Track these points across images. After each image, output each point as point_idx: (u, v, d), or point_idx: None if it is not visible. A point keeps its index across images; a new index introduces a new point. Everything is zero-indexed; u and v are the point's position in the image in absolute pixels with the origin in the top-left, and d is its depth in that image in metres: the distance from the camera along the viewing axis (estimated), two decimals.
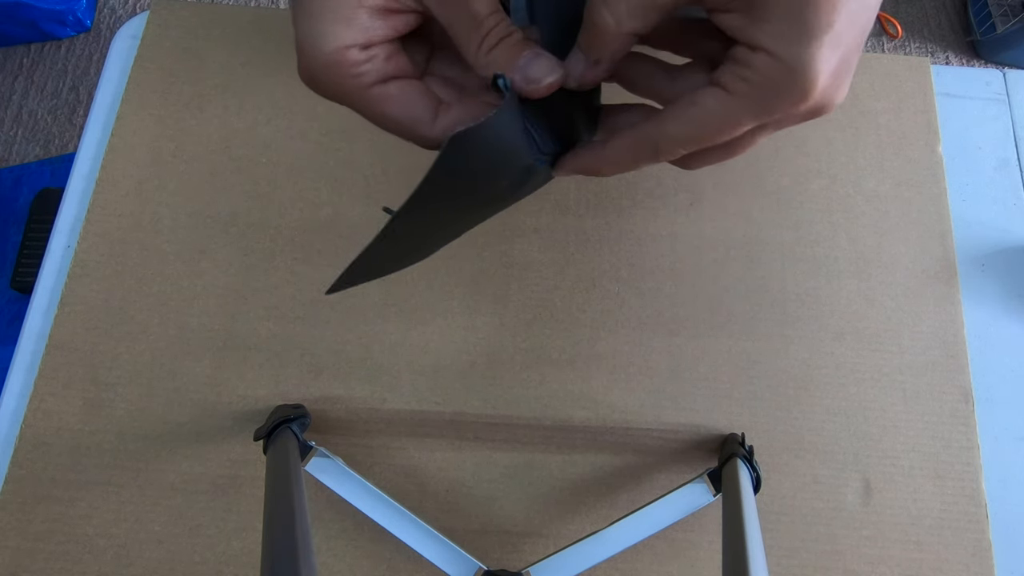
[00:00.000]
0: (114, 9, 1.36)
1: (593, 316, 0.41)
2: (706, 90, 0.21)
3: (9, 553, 0.36)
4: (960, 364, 0.40)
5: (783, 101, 0.20)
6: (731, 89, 0.20)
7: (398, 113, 0.23)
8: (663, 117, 0.22)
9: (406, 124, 0.24)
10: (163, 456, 0.38)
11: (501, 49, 0.22)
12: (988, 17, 1.31)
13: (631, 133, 0.24)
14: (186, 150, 0.44)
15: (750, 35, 0.20)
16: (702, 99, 0.21)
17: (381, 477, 0.38)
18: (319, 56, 0.22)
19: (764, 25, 0.19)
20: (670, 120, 0.22)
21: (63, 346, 0.39)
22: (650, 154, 0.23)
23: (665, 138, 0.23)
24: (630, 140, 0.24)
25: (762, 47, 0.19)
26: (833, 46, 0.19)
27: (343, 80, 0.22)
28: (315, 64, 0.22)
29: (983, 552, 0.37)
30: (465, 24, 0.22)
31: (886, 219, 0.43)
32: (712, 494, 0.34)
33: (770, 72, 0.19)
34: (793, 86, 0.19)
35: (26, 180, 1.18)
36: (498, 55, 0.22)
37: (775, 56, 0.19)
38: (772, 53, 0.19)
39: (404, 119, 0.24)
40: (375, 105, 0.23)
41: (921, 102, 0.46)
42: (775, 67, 0.19)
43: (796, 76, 0.19)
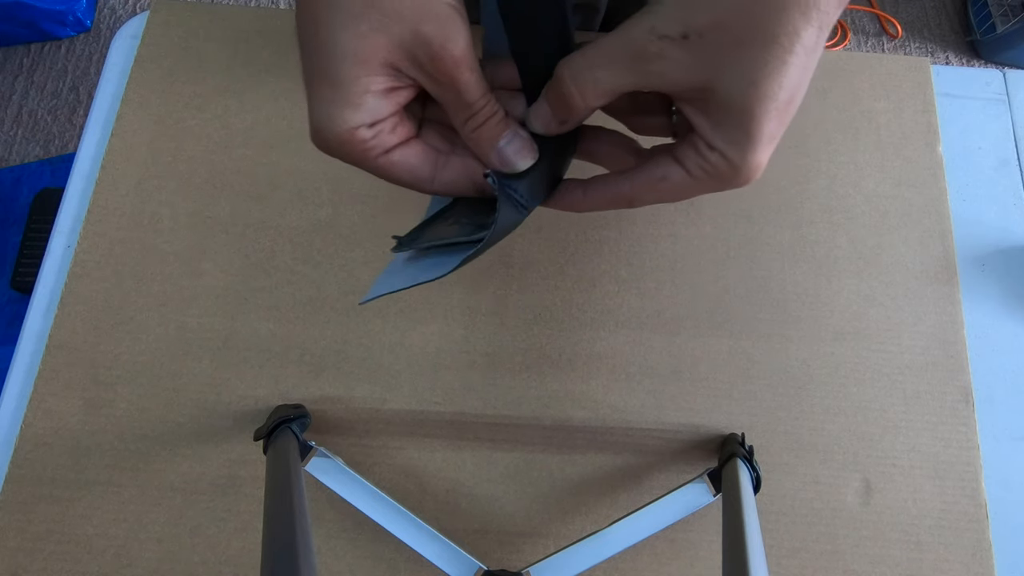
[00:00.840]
0: (114, 9, 1.36)
1: (593, 316, 0.41)
2: (674, 168, 0.26)
3: (9, 553, 0.36)
4: (960, 364, 0.40)
5: (730, 185, 0.26)
6: (693, 174, 0.26)
7: (403, 176, 0.27)
8: (638, 182, 0.28)
9: (411, 184, 0.28)
10: (163, 456, 0.38)
11: (485, 129, 0.26)
12: (988, 17, 1.31)
13: (608, 188, 0.29)
14: (186, 150, 0.44)
15: (709, 136, 0.25)
16: (671, 175, 0.27)
17: (381, 477, 0.38)
18: (331, 136, 0.25)
19: (720, 131, 0.25)
20: (643, 186, 0.28)
21: (63, 346, 0.39)
22: (624, 205, 0.29)
23: (637, 199, 0.28)
24: (607, 194, 0.29)
25: (718, 149, 0.25)
26: (770, 144, 0.25)
27: (354, 154, 0.26)
28: (329, 141, 0.25)
29: (983, 552, 0.37)
30: (456, 106, 0.26)
31: (886, 219, 0.43)
32: (712, 494, 0.34)
33: (723, 168, 0.25)
34: (739, 177, 0.26)
35: (26, 180, 1.18)
36: (482, 133, 0.27)
37: (727, 158, 0.25)
38: (725, 156, 0.25)
39: (408, 180, 0.28)
40: (382, 171, 0.27)
41: (921, 102, 0.46)
42: (727, 165, 0.25)
43: (743, 172, 0.25)
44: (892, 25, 1.39)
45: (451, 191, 0.29)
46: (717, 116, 0.24)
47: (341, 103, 0.25)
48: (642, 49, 0.24)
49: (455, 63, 0.25)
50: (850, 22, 1.40)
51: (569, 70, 0.25)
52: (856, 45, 1.39)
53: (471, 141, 0.27)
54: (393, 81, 0.25)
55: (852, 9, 1.41)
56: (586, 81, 0.25)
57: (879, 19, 1.40)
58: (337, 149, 0.26)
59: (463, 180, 0.28)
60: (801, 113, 0.45)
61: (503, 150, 0.27)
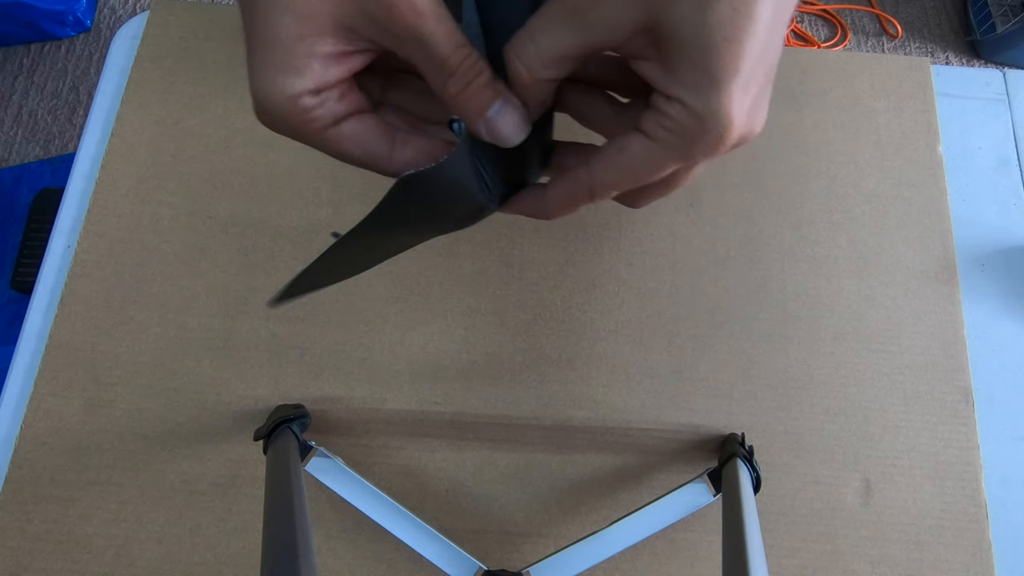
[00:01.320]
0: (114, 9, 1.36)
1: (593, 316, 0.41)
2: (632, 136, 0.22)
3: (9, 553, 0.36)
4: (960, 364, 0.40)
5: (701, 146, 0.21)
6: (653, 136, 0.22)
7: (355, 151, 0.24)
8: (594, 163, 0.24)
9: (365, 161, 0.24)
10: (163, 456, 0.38)
11: (471, 93, 0.22)
12: (988, 17, 1.31)
13: (566, 179, 0.25)
14: (186, 150, 0.44)
15: (664, 85, 0.21)
16: (628, 146, 0.22)
17: (381, 477, 0.38)
18: (271, 105, 0.22)
19: (675, 75, 0.20)
20: (600, 166, 0.23)
21: (63, 346, 0.39)
22: (586, 197, 0.25)
23: (597, 183, 0.24)
24: (566, 186, 0.25)
25: (676, 97, 0.20)
26: (744, 89, 0.20)
27: (298, 125, 0.23)
28: (269, 111, 0.22)
29: (983, 552, 0.37)
30: (428, 63, 0.22)
31: (886, 219, 0.43)
32: (712, 494, 0.34)
33: (686, 121, 0.21)
34: (708, 133, 0.21)
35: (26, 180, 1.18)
36: (468, 100, 0.23)
37: (688, 107, 0.20)
38: (685, 104, 0.20)
39: (362, 156, 0.24)
40: (332, 145, 0.24)
41: (921, 102, 0.46)
42: (690, 116, 0.20)
43: (710, 124, 0.20)
44: (892, 25, 1.39)
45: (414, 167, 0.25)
46: (670, 59, 0.20)
47: (281, 68, 0.22)
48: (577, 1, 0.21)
49: (415, 12, 0.21)
50: (850, 22, 1.40)
51: (511, 46, 0.22)
52: (856, 45, 1.39)
53: (456, 109, 0.23)
54: (344, 44, 0.22)
55: (852, 9, 1.41)
56: (529, 53, 0.22)
57: (879, 19, 1.40)
58: (279, 122, 0.23)
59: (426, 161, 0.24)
60: (801, 113, 0.46)
61: (493, 120, 0.23)
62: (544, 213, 0.27)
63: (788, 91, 0.46)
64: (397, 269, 0.41)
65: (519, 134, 0.23)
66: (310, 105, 0.22)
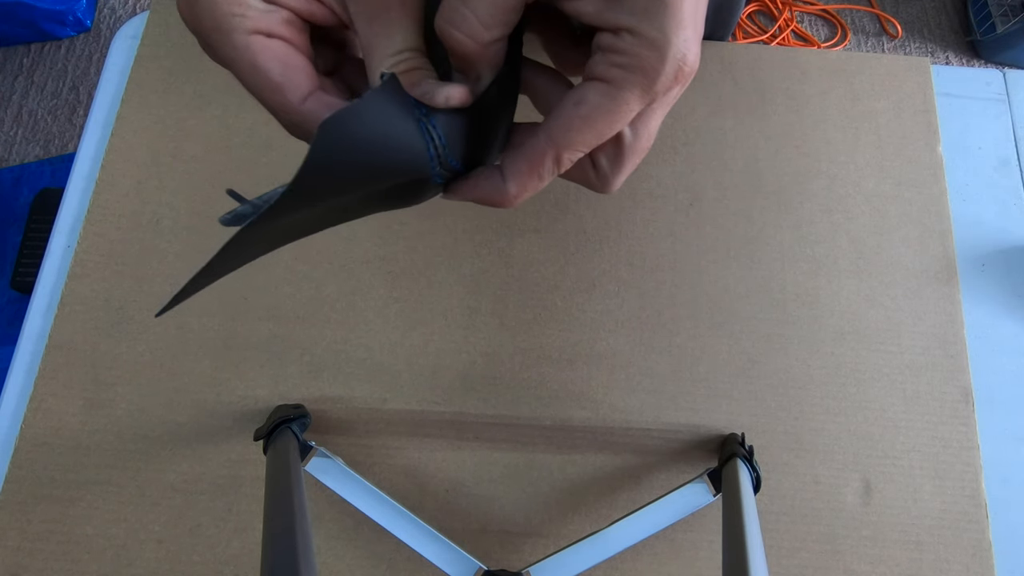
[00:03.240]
0: (114, 9, 1.36)
1: (593, 316, 0.41)
2: (586, 85, 0.20)
3: (9, 553, 0.36)
4: (960, 364, 0.40)
5: (661, 76, 0.19)
6: (608, 78, 0.20)
7: (272, 68, 0.21)
8: (552, 126, 0.21)
9: (275, 82, 0.21)
10: (163, 456, 0.38)
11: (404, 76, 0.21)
12: (988, 17, 1.31)
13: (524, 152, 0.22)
14: (186, 150, 0.44)
15: (609, 19, 0.19)
16: (585, 95, 0.20)
17: (381, 477, 0.38)
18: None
19: (621, 4, 0.19)
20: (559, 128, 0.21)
21: (63, 346, 0.39)
22: (551, 168, 0.22)
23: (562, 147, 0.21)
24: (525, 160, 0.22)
25: (625, 27, 0.19)
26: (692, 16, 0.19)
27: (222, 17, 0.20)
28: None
29: (983, 552, 0.37)
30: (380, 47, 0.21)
31: (886, 219, 0.43)
32: (712, 494, 0.34)
33: (640, 51, 0.19)
34: (666, 60, 0.19)
35: (26, 180, 1.18)
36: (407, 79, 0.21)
37: (641, 35, 0.19)
38: (636, 32, 0.19)
39: (276, 77, 0.21)
40: (248, 53, 0.21)
41: (921, 102, 0.46)
42: (643, 44, 0.19)
43: (666, 49, 0.19)
44: (892, 25, 1.39)
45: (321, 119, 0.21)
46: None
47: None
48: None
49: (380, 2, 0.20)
50: (850, 22, 1.40)
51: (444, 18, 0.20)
52: (856, 45, 1.39)
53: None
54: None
55: (852, 9, 1.41)
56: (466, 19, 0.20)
57: (879, 19, 1.40)
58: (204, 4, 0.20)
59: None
60: (801, 113, 0.46)
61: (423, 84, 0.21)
62: (504, 198, 0.23)
63: (788, 91, 0.46)
64: (397, 269, 0.41)
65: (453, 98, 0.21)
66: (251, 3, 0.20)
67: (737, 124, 0.45)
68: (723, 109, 0.46)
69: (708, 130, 0.45)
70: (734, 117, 0.46)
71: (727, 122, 0.46)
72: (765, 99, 0.46)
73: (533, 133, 0.22)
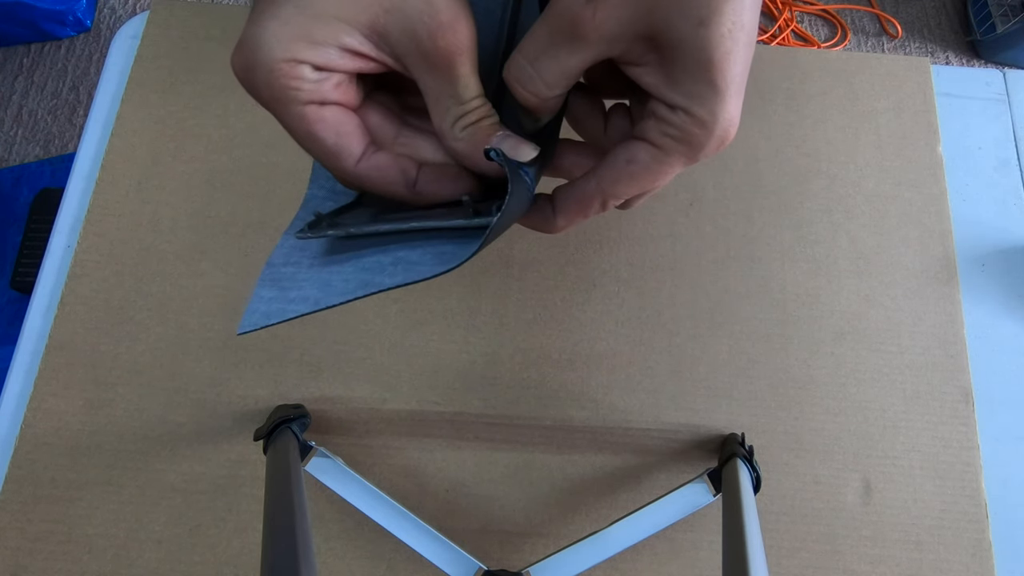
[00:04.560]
0: (114, 9, 1.36)
1: (593, 316, 0.41)
2: (638, 145, 0.23)
3: (9, 553, 0.36)
4: (960, 364, 0.40)
5: (705, 149, 0.22)
6: (659, 145, 0.23)
7: (327, 138, 0.23)
8: (603, 175, 0.24)
9: (332, 151, 0.23)
10: (163, 456, 0.38)
11: (479, 129, 0.23)
12: (988, 17, 1.31)
13: (574, 193, 0.25)
14: (186, 150, 0.44)
15: (667, 95, 0.22)
16: (636, 155, 0.23)
17: (381, 477, 0.38)
18: (264, 58, 0.21)
19: (678, 87, 0.21)
20: (610, 178, 0.24)
21: (63, 346, 0.39)
22: (597, 209, 0.25)
23: (609, 195, 0.25)
24: (575, 200, 0.25)
25: (680, 107, 0.22)
26: (738, 94, 0.22)
27: (281, 89, 0.21)
28: (257, 63, 0.21)
29: (983, 552, 0.37)
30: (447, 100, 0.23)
31: (886, 219, 0.43)
32: (712, 494, 0.34)
33: (691, 128, 0.22)
34: (712, 137, 0.22)
35: (26, 180, 1.18)
36: (476, 133, 0.23)
37: (693, 115, 0.22)
38: (690, 112, 0.22)
39: (331, 146, 0.23)
40: (304, 123, 0.22)
41: (921, 102, 0.46)
42: (695, 123, 0.22)
43: (714, 128, 0.22)
44: (892, 25, 1.39)
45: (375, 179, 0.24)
46: (671, 70, 0.21)
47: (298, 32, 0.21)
48: (576, 19, 0.21)
49: (458, 48, 0.21)
50: (850, 22, 1.40)
51: (512, 74, 0.23)
52: (856, 45, 1.39)
53: (459, 143, 0.23)
54: (369, 47, 0.22)
55: (852, 9, 1.41)
56: (532, 79, 0.22)
57: (879, 19, 1.40)
58: (262, 76, 0.21)
59: (394, 174, 0.24)
60: (801, 113, 0.46)
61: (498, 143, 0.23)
62: (552, 228, 0.27)
63: (788, 91, 0.46)
64: None
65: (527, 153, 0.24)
66: (306, 76, 0.21)
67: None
68: None
69: None
70: None
71: None
72: (765, 99, 0.46)
73: (585, 178, 0.25)
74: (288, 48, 0.21)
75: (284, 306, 0.24)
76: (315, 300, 0.24)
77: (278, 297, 0.25)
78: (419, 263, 0.23)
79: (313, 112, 0.22)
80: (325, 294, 0.24)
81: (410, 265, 0.23)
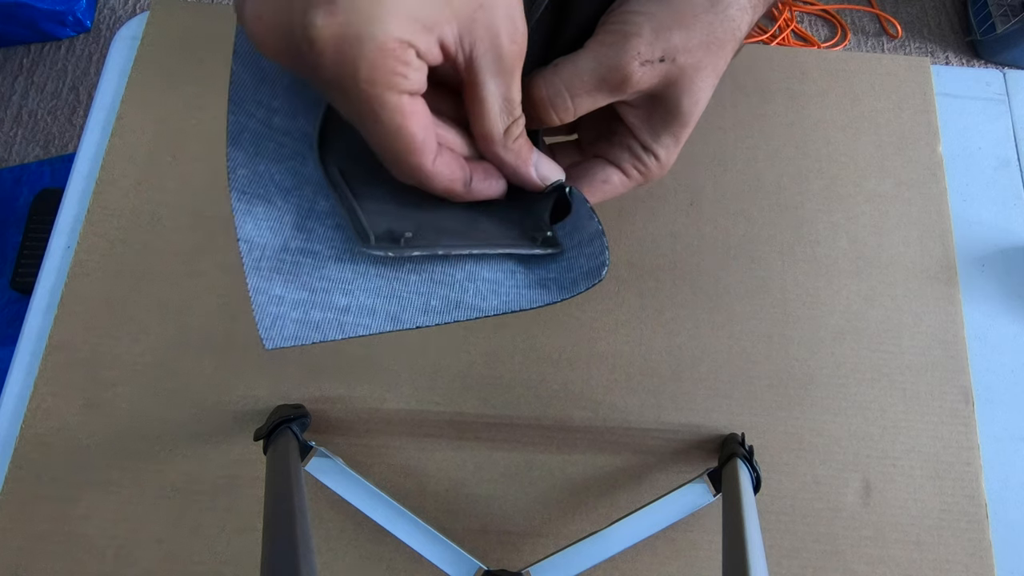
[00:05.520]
0: (114, 9, 1.36)
1: (593, 316, 0.41)
2: (612, 170, 0.29)
3: (9, 553, 0.36)
4: (960, 364, 0.40)
5: (652, 181, 0.30)
6: (629, 175, 0.29)
7: (417, 132, 0.21)
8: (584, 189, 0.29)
9: (419, 147, 0.21)
10: (163, 456, 0.38)
11: (522, 141, 0.25)
12: (988, 17, 1.31)
13: None
14: (186, 150, 0.44)
15: (645, 139, 0.28)
16: (611, 178, 0.29)
17: (381, 477, 0.38)
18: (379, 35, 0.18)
19: (656, 135, 0.28)
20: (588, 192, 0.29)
21: (63, 346, 0.39)
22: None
23: None
24: None
25: (651, 150, 0.28)
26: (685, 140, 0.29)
27: (385, 72, 0.19)
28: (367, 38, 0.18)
29: (983, 552, 0.37)
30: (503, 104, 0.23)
31: (886, 219, 0.43)
32: (712, 494, 0.34)
33: (654, 167, 0.29)
34: (661, 175, 0.29)
35: (26, 180, 1.18)
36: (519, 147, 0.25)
37: (660, 161, 0.29)
38: (658, 158, 0.28)
39: (420, 141, 0.21)
40: (399, 115, 0.20)
41: (921, 102, 0.46)
42: (657, 165, 0.29)
43: (666, 168, 0.29)
44: (892, 25, 1.39)
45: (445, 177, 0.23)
46: (659, 123, 0.27)
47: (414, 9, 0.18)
48: (628, 77, 0.25)
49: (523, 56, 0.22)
50: (850, 22, 1.40)
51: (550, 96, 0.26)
52: (856, 45, 1.39)
53: (509, 152, 0.24)
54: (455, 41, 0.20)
55: (852, 9, 1.41)
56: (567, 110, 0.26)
57: (879, 19, 1.40)
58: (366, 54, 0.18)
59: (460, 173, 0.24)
60: (801, 113, 0.46)
61: (539, 167, 0.26)
62: None
63: (788, 91, 0.46)
64: None
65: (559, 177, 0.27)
66: (412, 62, 0.19)
67: (737, 124, 0.45)
68: (723, 109, 0.46)
69: (708, 130, 0.45)
70: (734, 117, 0.46)
71: (727, 122, 0.46)
72: (765, 99, 0.46)
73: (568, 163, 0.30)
74: (405, 27, 0.18)
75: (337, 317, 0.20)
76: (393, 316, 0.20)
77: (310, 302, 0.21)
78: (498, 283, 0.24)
79: (409, 104, 0.20)
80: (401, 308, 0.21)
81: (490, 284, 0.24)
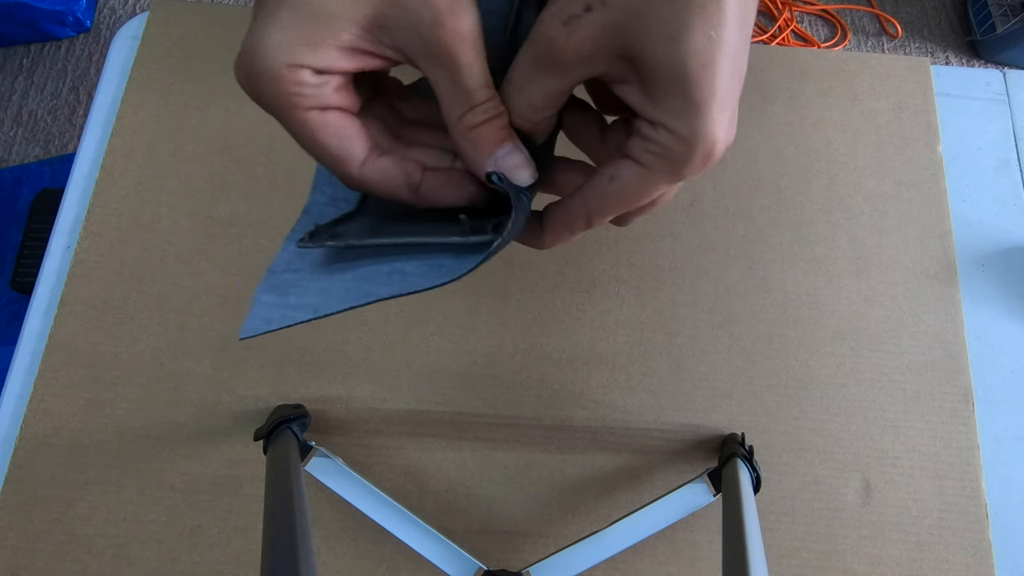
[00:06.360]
0: (114, 9, 1.36)
1: (593, 316, 0.41)
2: (622, 163, 0.23)
3: (9, 553, 0.36)
4: (960, 364, 0.40)
5: (689, 167, 0.22)
6: (642, 162, 0.22)
7: (330, 142, 0.23)
8: (587, 193, 0.24)
9: (335, 156, 0.23)
10: (163, 456, 0.38)
11: (485, 129, 0.23)
12: (988, 17, 1.31)
13: (561, 211, 0.25)
14: (186, 150, 0.44)
15: (648, 112, 0.21)
16: (619, 173, 0.23)
17: (381, 477, 0.38)
18: (265, 66, 0.21)
19: (657, 103, 0.21)
20: (594, 196, 0.24)
21: (63, 346, 0.39)
22: (582, 226, 0.25)
23: (594, 212, 0.24)
24: (561, 217, 0.25)
25: (660, 123, 0.21)
26: (721, 108, 0.21)
27: (283, 96, 0.21)
28: (259, 72, 0.21)
29: (983, 552, 0.37)
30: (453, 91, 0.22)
31: (886, 219, 0.43)
32: (712, 494, 0.34)
33: (672, 145, 0.21)
34: (694, 153, 0.21)
35: (26, 180, 1.18)
36: (481, 134, 0.23)
37: (673, 132, 0.21)
38: (670, 129, 0.21)
39: (335, 151, 0.23)
40: (307, 129, 0.22)
41: (921, 102, 0.46)
42: (676, 140, 0.21)
43: (696, 145, 0.21)
44: (892, 25, 1.39)
45: (379, 183, 0.24)
46: (650, 87, 0.21)
47: (296, 36, 0.20)
48: (552, 43, 0.21)
49: (460, 37, 0.21)
50: (850, 22, 1.40)
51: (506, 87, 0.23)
52: (856, 45, 1.39)
53: (465, 140, 0.23)
54: (369, 43, 0.21)
55: (852, 9, 1.41)
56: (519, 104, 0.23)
57: (879, 19, 1.40)
58: (264, 84, 0.21)
59: (398, 178, 0.24)
60: (801, 113, 0.46)
61: (501, 160, 0.23)
62: (540, 244, 0.27)
63: (788, 91, 0.46)
64: None
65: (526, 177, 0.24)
66: (307, 81, 0.21)
67: (737, 124, 0.45)
68: None
69: None
70: None
71: None
72: (765, 99, 0.46)
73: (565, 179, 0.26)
74: (288, 53, 0.21)
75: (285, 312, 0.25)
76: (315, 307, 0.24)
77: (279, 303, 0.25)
78: (415, 274, 0.23)
79: (315, 118, 0.22)
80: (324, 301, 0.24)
81: (406, 276, 0.23)
